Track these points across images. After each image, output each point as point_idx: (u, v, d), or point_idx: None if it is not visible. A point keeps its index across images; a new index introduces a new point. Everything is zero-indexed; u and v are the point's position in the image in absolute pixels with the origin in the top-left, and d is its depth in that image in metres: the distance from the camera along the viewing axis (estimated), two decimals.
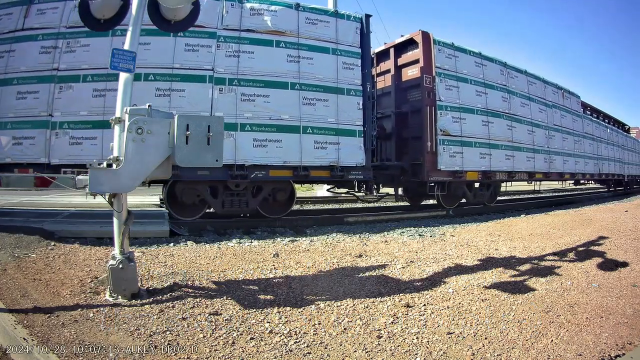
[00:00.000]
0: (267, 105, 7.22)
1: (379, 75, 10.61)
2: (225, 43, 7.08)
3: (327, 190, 10.33)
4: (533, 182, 12.95)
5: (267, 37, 7.36)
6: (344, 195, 10.53)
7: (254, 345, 2.52)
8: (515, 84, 11.56)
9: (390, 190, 10.66)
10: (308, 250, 5.28)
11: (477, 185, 10.81)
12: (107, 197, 3.23)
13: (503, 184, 12.19)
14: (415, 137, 9.58)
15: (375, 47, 10.32)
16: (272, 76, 7.31)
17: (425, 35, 9.50)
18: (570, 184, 18.89)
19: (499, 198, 15.57)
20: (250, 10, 7.32)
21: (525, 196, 16.69)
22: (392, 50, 10.32)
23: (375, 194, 9.37)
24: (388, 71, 10.50)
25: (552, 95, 13.18)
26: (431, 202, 11.12)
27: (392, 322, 2.93)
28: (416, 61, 9.61)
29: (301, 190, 14.79)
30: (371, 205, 11.11)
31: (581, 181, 16.75)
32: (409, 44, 9.90)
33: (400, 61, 10.18)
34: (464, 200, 10.56)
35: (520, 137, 11.34)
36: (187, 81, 6.81)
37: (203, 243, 5.65)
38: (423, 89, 9.27)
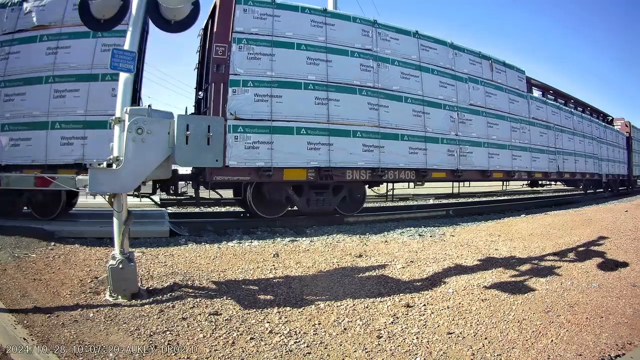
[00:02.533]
0: None
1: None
2: None
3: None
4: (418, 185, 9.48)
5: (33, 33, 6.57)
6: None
7: (254, 345, 2.52)
8: (394, 48, 8.49)
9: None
10: (308, 250, 5.28)
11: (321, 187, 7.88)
12: (107, 197, 3.23)
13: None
14: None
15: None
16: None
17: None
18: (526, 186, 14.63)
19: (499, 198, 15.63)
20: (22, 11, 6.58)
21: (526, 196, 16.66)
22: (210, 19, 7.82)
23: (175, 194, 7.64)
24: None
25: (470, 66, 9.97)
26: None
27: (392, 322, 2.93)
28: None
29: None
30: (371, 205, 11.11)
31: (541, 182, 13.62)
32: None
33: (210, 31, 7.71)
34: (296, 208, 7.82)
35: (399, 120, 8.33)
36: None
37: (203, 243, 5.65)
38: (212, 61, 6.92)
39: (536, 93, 13.51)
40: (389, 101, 8.27)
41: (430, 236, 6.57)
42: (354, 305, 3.25)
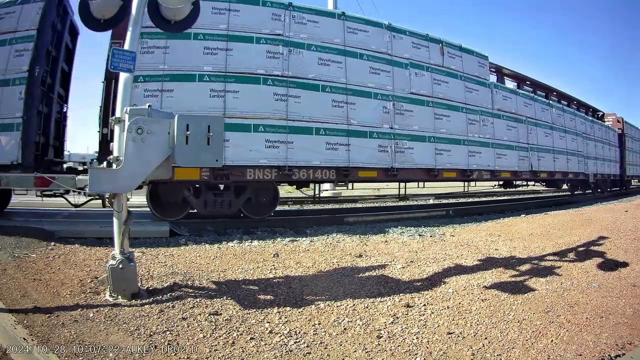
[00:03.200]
0: None
1: None
2: None
3: None
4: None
5: None
6: None
7: (254, 345, 2.52)
8: (311, 32, 7.58)
9: None
10: (308, 250, 5.28)
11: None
12: (107, 197, 3.23)
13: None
14: None
15: None
16: None
17: None
18: (498, 187, 13.21)
19: (499, 198, 15.62)
20: None
21: (526, 196, 16.64)
22: None
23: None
24: None
25: (413, 50, 8.82)
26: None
27: (392, 322, 2.93)
28: None
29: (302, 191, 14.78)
30: (371, 205, 11.12)
31: (515, 182, 12.38)
32: None
33: None
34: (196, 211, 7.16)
35: (313, 112, 7.34)
36: None
37: (203, 243, 5.65)
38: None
39: (510, 84, 12.42)
40: (301, 91, 7.32)
41: (430, 236, 6.57)
42: (354, 305, 3.25)
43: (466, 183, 12.87)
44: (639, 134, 21.99)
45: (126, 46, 3.37)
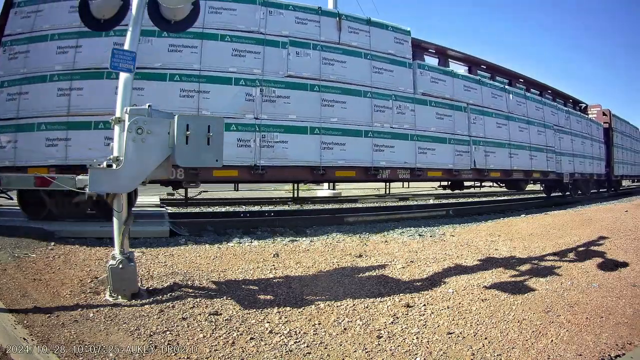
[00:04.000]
0: None
1: None
2: None
3: None
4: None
5: None
6: None
7: (254, 345, 2.52)
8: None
9: None
10: (308, 250, 5.28)
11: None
12: (107, 197, 3.23)
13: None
14: None
15: None
16: None
17: None
18: (442, 188, 11.32)
19: (499, 198, 15.57)
20: None
21: (526, 196, 16.61)
22: None
23: None
24: None
25: (295, 26, 7.42)
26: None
27: (392, 322, 2.93)
28: None
29: (301, 190, 14.81)
30: (371, 205, 11.12)
31: (468, 183, 10.65)
32: None
33: None
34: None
35: (157, 104, 5.27)
36: None
37: (203, 243, 5.65)
38: None
39: (462, 69, 10.80)
40: (146, 82, 6.35)
41: (430, 236, 6.57)
42: (354, 305, 3.25)
43: (386, 185, 10.28)
44: (630, 129, 19.80)
45: (126, 46, 3.37)
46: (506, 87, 11.29)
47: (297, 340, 2.61)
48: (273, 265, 4.42)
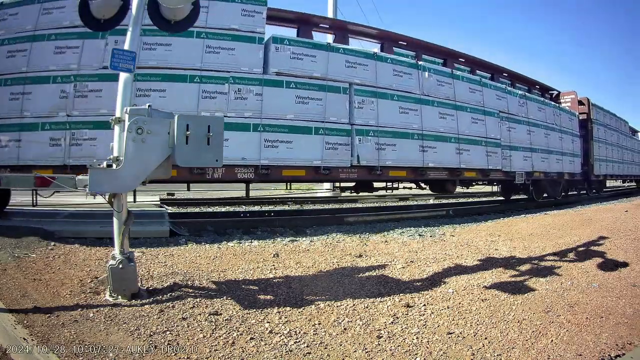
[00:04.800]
0: None
1: None
2: None
3: None
4: None
5: None
6: None
7: (254, 345, 2.52)
8: None
9: None
10: (308, 250, 5.28)
11: None
12: (107, 197, 3.23)
13: None
14: None
15: None
16: None
17: None
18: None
19: (499, 198, 15.44)
20: None
21: (525, 197, 16.41)
22: None
23: None
24: None
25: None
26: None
27: (392, 322, 2.93)
28: None
29: (301, 190, 14.81)
30: (371, 205, 11.11)
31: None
32: None
33: None
34: None
35: None
36: None
37: (203, 243, 5.65)
38: None
39: (375, 47, 9.40)
40: None
41: (430, 236, 6.57)
42: (354, 305, 3.25)
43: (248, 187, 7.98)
44: (615, 122, 16.96)
45: (126, 46, 3.37)
46: (419, 62, 8.91)
47: (297, 340, 2.61)
48: (273, 265, 4.42)
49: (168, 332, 2.64)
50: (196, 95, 6.61)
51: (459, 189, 11.68)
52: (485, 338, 2.70)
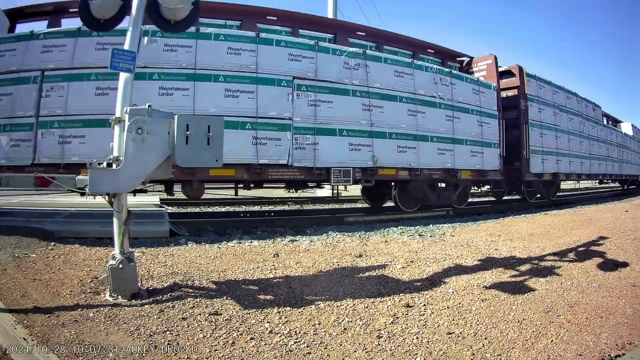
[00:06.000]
0: None
1: None
2: None
3: None
4: None
5: None
6: None
7: (254, 345, 2.52)
8: None
9: None
10: (308, 250, 5.28)
11: None
12: (107, 197, 3.23)
13: None
14: None
15: None
16: None
17: None
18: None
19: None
20: None
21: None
22: None
23: None
24: None
25: None
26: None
27: (392, 322, 2.93)
28: None
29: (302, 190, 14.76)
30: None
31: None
32: None
33: None
34: None
35: None
36: None
37: (203, 243, 5.65)
38: None
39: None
40: None
41: (430, 236, 6.57)
42: (354, 305, 3.25)
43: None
44: (575, 102, 12.60)
45: (126, 46, 3.36)
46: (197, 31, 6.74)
47: (297, 340, 2.61)
48: (273, 265, 4.42)
49: (168, 332, 2.64)
50: None
51: None
52: (485, 338, 2.70)
